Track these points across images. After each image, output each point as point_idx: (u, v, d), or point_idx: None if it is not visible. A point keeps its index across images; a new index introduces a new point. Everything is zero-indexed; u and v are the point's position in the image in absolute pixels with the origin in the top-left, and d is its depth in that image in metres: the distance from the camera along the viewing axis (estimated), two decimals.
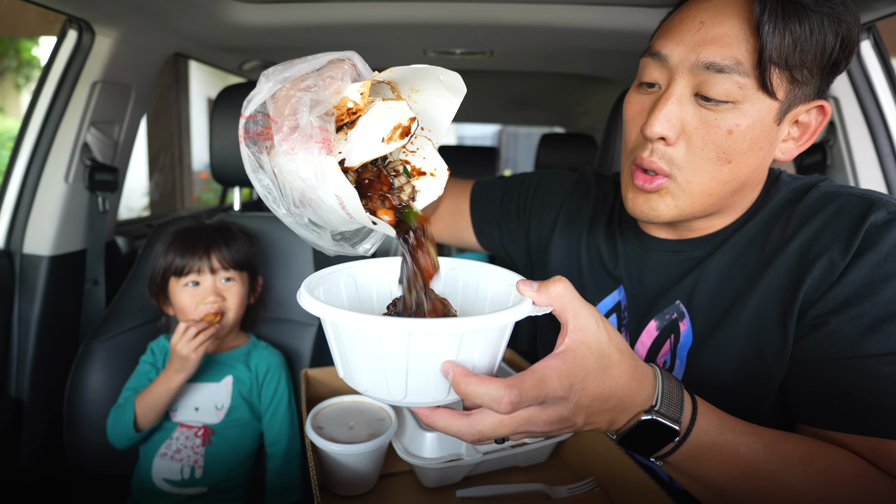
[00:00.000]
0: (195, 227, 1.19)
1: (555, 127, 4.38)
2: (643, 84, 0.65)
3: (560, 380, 0.44)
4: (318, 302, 0.47)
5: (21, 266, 1.34)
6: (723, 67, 0.57)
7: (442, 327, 0.42)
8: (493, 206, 0.97)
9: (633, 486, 0.64)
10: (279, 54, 1.84)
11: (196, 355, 1.02)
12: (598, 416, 0.48)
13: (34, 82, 2.19)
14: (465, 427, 0.45)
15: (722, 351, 0.66)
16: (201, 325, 1.04)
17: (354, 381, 0.50)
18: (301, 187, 0.45)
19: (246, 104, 0.46)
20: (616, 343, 0.48)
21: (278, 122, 0.43)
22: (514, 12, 1.35)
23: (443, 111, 0.52)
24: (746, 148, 0.60)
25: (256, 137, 0.46)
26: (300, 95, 0.43)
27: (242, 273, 1.19)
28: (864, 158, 1.30)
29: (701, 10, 0.60)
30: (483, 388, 0.42)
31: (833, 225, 0.61)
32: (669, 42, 0.61)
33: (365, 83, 0.45)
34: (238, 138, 0.49)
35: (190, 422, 1.11)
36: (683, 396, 0.51)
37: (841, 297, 0.58)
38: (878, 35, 1.27)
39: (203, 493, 1.09)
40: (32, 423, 1.32)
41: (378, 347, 0.45)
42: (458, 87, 0.49)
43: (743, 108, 0.59)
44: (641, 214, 0.67)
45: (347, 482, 0.70)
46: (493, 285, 0.58)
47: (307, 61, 0.45)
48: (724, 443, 0.51)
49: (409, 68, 0.47)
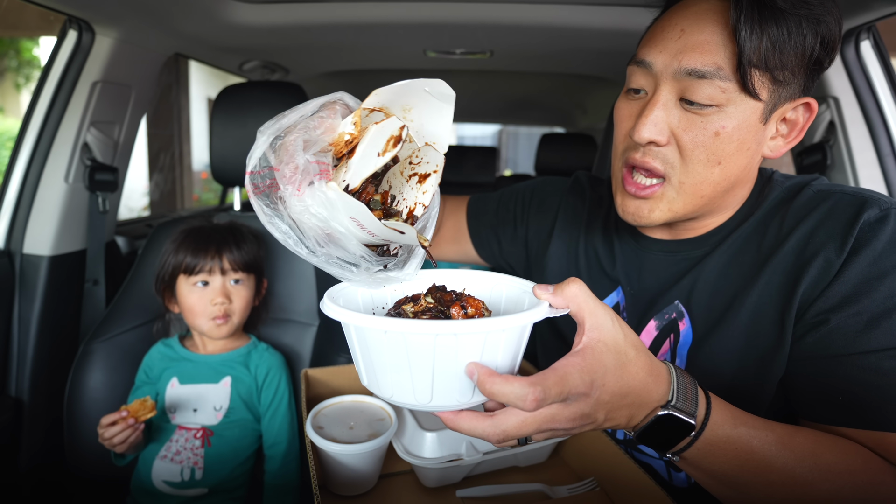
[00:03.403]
0: (207, 226, 1.19)
1: (555, 127, 4.38)
2: (630, 90, 0.67)
3: (581, 376, 0.45)
4: (343, 309, 0.48)
5: (21, 266, 1.34)
6: (704, 73, 0.59)
7: (467, 328, 0.44)
8: (489, 217, 0.99)
9: (633, 486, 0.64)
10: (279, 54, 1.84)
11: (118, 449, 0.98)
12: (617, 411, 0.49)
13: (34, 82, 2.19)
14: (490, 427, 0.46)
15: (721, 349, 0.67)
16: (123, 425, 0.96)
17: (380, 387, 0.51)
18: (316, 224, 0.47)
19: (248, 161, 0.48)
20: (631, 340, 0.49)
21: (280, 169, 0.46)
22: (514, 12, 1.35)
23: (439, 120, 0.53)
24: (734, 149, 0.62)
25: (268, 191, 0.49)
26: (294, 139, 0.46)
27: (250, 275, 1.19)
28: (864, 158, 1.30)
29: (681, 18, 0.62)
30: (508, 387, 0.43)
31: (827, 223, 0.62)
32: (653, 50, 0.63)
33: (356, 113, 0.47)
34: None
35: (189, 423, 1.11)
36: (697, 392, 0.52)
37: (839, 294, 0.59)
38: (878, 35, 1.27)
39: (203, 494, 1.09)
40: (32, 423, 1.32)
41: (404, 350, 0.46)
42: (446, 92, 0.51)
43: (727, 110, 0.60)
44: (634, 220, 0.69)
45: (347, 482, 0.70)
46: (507, 291, 0.59)
47: (297, 110, 0.48)
48: (738, 437, 0.53)
49: (393, 88, 0.48)
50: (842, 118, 1.31)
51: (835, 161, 1.34)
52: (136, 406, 0.97)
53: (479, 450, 0.73)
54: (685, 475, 0.72)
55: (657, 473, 0.75)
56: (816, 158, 1.35)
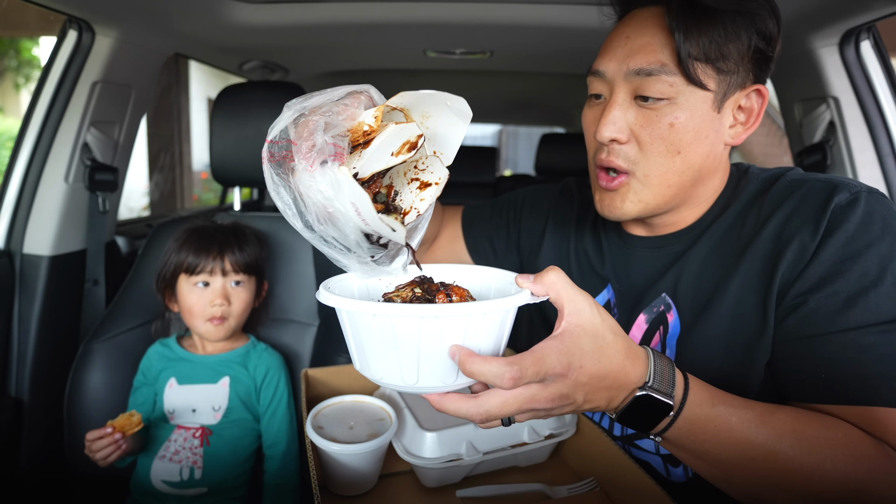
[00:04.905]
0: (210, 226, 1.19)
1: (555, 127, 4.38)
2: (592, 97, 0.73)
3: (559, 358, 0.48)
4: (335, 295, 0.51)
5: (21, 266, 1.34)
6: (651, 71, 0.64)
7: (449, 311, 0.47)
8: (484, 224, 1.03)
9: (633, 486, 0.64)
10: (279, 54, 1.84)
11: (103, 464, 0.98)
12: (596, 393, 0.51)
13: (34, 82, 2.19)
14: (473, 407, 0.48)
15: (708, 337, 0.69)
16: (109, 440, 0.96)
17: (370, 370, 0.54)
18: (321, 201, 0.49)
19: (270, 130, 0.50)
20: (609, 325, 0.51)
21: (297, 144, 0.48)
22: (514, 12, 1.35)
23: (452, 134, 0.56)
24: (692, 138, 0.66)
25: (282, 160, 0.51)
26: (317, 119, 0.48)
27: (251, 277, 1.19)
28: (864, 158, 1.30)
29: (626, 27, 0.68)
30: (486, 367, 0.46)
31: (801, 209, 0.65)
32: (604, 59, 0.69)
33: (379, 108, 0.50)
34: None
35: (188, 423, 1.11)
36: (675, 373, 0.54)
37: (816, 276, 0.61)
38: (878, 35, 1.27)
39: (203, 493, 1.09)
40: (32, 423, 1.32)
41: (391, 333, 0.49)
42: (465, 111, 0.54)
43: (678, 102, 0.65)
44: (609, 214, 0.73)
45: (347, 482, 0.71)
46: (496, 284, 0.62)
47: (325, 93, 0.50)
48: (717, 415, 0.54)
49: (418, 94, 0.52)
50: (842, 118, 1.31)
51: (835, 161, 1.34)
52: (122, 421, 0.98)
53: (479, 450, 0.73)
54: (682, 470, 0.73)
55: (655, 470, 0.76)
56: (816, 158, 1.36)
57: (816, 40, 1.29)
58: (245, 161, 1.30)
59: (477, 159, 3.57)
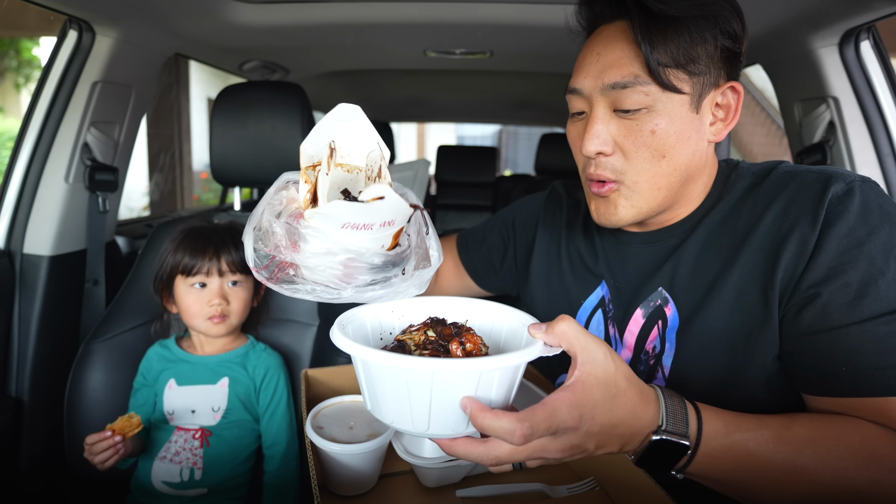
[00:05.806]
0: (206, 227, 1.18)
1: (555, 127, 4.38)
2: (574, 115, 0.75)
3: (570, 411, 0.48)
4: (350, 342, 0.52)
5: (21, 266, 1.34)
6: (625, 84, 0.65)
7: (462, 366, 0.48)
8: (479, 247, 1.04)
9: (633, 485, 0.64)
10: (279, 54, 1.84)
11: (102, 467, 0.97)
12: (608, 440, 0.52)
13: (34, 82, 2.19)
14: (483, 453, 0.49)
15: (708, 329, 0.69)
16: (108, 444, 0.96)
17: (382, 414, 0.55)
18: (332, 263, 0.52)
19: (250, 264, 0.55)
20: (623, 372, 0.52)
21: (273, 251, 0.52)
22: (514, 12, 1.35)
23: (361, 135, 0.59)
24: (674, 140, 0.67)
25: (281, 272, 0.54)
26: (267, 218, 0.53)
27: (249, 277, 1.18)
28: (864, 158, 1.30)
29: (596, 44, 0.69)
30: (497, 423, 0.46)
31: (798, 200, 0.66)
32: (579, 77, 0.71)
33: (301, 175, 0.56)
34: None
35: (187, 424, 1.11)
36: (687, 410, 0.55)
37: (825, 265, 0.61)
38: (878, 35, 1.27)
39: (203, 494, 1.09)
40: (32, 423, 1.32)
41: (405, 383, 0.50)
42: (350, 110, 0.57)
43: (656, 108, 0.66)
44: (606, 221, 0.74)
45: (347, 482, 0.71)
46: (508, 323, 0.63)
47: (262, 202, 0.57)
48: (734, 444, 0.55)
49: (309, 137, 0.57)
50: (842, 118, 1.31)
51: (834, 161, 1.34)
52: (122, 424, 0.97)
53: None
54: None
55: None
56: (816, 158, 1.36)
57: (816, 40, 1.29)
58: (245, 161, 1.30)
59: (477, 159, 3.58)
